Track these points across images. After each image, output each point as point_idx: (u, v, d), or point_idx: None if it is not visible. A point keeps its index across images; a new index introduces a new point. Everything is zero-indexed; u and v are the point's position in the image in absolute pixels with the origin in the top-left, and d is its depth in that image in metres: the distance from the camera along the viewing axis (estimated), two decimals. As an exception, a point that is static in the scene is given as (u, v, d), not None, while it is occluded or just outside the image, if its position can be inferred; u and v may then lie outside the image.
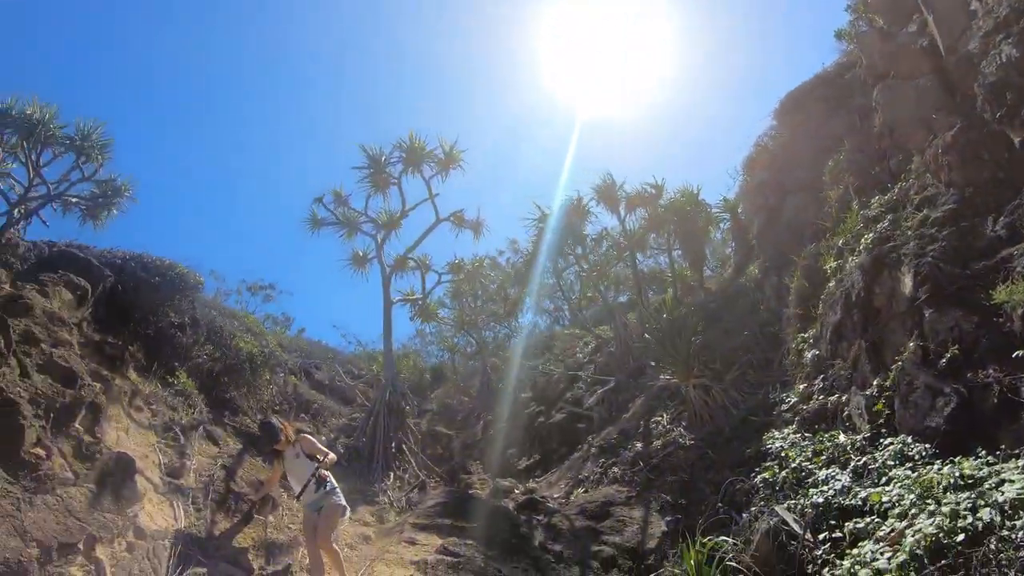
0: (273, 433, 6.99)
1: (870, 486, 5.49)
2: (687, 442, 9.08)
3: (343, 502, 6.76)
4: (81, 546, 5.00)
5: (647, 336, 13.38)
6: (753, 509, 6.39)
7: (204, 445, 8.27)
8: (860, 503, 5.39)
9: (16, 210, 8.84)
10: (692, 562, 5.61)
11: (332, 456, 7.11)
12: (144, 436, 7.39)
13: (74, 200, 10.23)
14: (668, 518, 7.60)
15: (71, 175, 9.94)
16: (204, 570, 6.17)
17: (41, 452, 5.26)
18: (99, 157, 9.77)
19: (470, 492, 9.87)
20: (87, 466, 5.71)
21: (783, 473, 6.62)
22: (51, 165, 9.43)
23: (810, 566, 5.29)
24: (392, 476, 10.23)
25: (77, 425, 5.95)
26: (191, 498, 7.03)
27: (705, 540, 5.81)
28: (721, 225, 16.23)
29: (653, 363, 12.23)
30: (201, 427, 8.54)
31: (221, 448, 8.48)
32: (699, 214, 14.89)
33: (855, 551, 4.78)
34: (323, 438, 9.70)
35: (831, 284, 8.23)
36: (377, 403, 11.41)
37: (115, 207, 10.66)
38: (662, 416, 10.25)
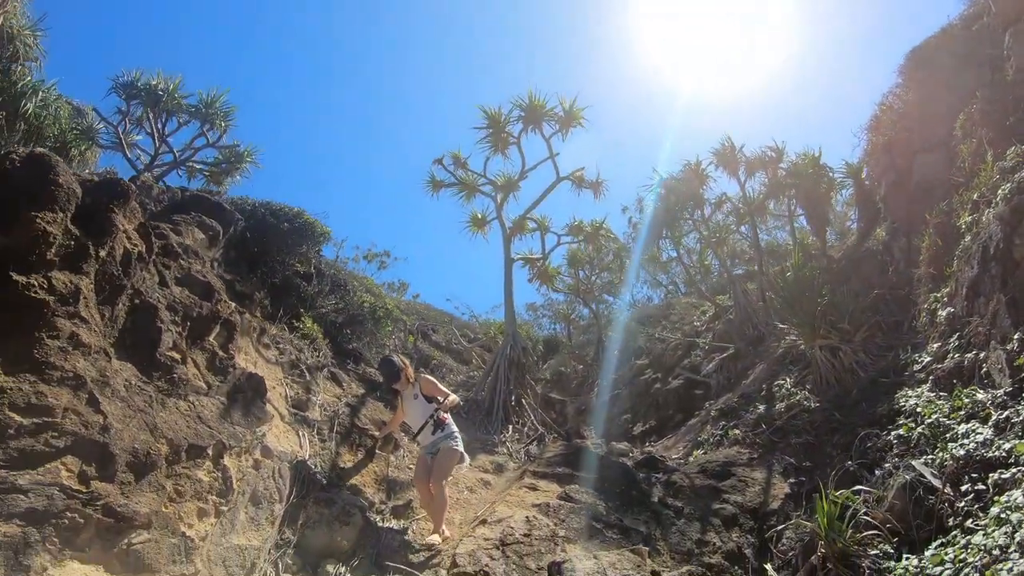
0: (393, 370, 6.81)
1: (1014, 438, 5.07)
2: (812, 405, 8.63)
3: (461, 448, 6.57)
4: (210, 452, 4.93)
5: (770, 296, 12.81)
6: (887, 465, 6.02)
7: (328, 385, 8.26)
8: (1004, 455, 4.99)
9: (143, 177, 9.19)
10: (824, 515, 5.20)
11: (453, 398, 6.95)
12: (271, 371, 7.40)
13: (199, 166, 10.59)
14: (792, 480, 7.21)
15: (195, 142, 10.32)
16: (326, 497, 6.07)
17: (176, 356, 5.26)
18: (222, 124, 10.08)
19: (589, 447, 9.46)
20: (219, 379, 5.69)
21: (919, 429, 6.20)
22: (176, 134, 9.81)
23: (950, 519, 4.90)
24: (511, 429, 9.97)
25: (212, 339, 5.96)
26: (316, 430, 6.97)
27: (837, 494, 5.39)
28: (843, 191, 15.44)
29: (778, 323, 11.77)
30: (326, 369, 8.55)
31: (345, 390, 8.45)
32: (821, 178, 13.97)
33: (1002, 498, 4.44)
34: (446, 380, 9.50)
35: (966, 239, 7.57)
36: (498, 356, 11.18)
37: (238, 172, 10.97)
38: (785, 380, 9.79)
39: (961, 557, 4.25)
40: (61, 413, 3.90)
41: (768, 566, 6.01)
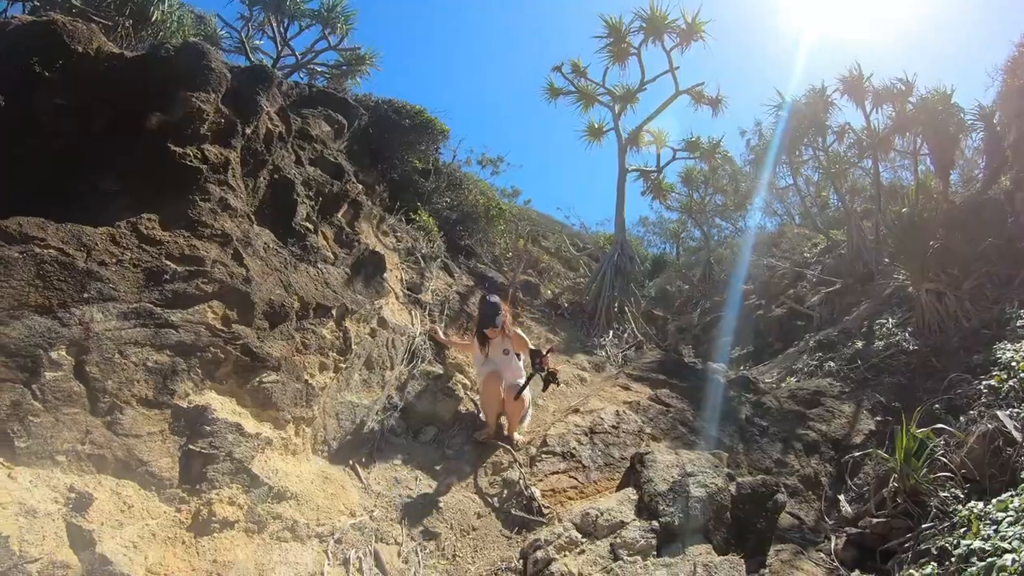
0: (494, 313, 6.04)
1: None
2: (910, 347, 8.40)
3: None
4: (334, 313, 5.43)
5: (884, 234, 12.26)
6: (972, 412, 5.91)
7: (440, 274, 8.69)
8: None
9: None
10: (902, 450, 5.17)
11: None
12: (388, 255, 7.88)
13: (320, 69, 10.91)
14: (878, 418, 7.12)
15: (317, 45, 10.59)
16: (432, 370, 6.55)
17: (309, 227, 5.75)
18: (343, 27, 10.23)
19: (685, 360, 9.57)
20: (345, 252, 6.18)
21: (1010, 382, 5.97)
22: (298, 38, 10.10)
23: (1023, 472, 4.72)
24: (611, 333, 10.17)
25: (340, 216, 6.44)
26: (427, 311, 7.43)
27: (918, 431, 5.29)
28: (973, 135, 13.88)
29: (887, 260, 11.42)
30: (439, 259, 8.97)
31: (455, 279, 8.88)
32: (951, 118, 12.71)
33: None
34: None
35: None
36: (605, 262, 11.32)
37: (358, 74, 11.24)
38: (887, 319, 9.53)
39: (1024, 507, 4.18)
40: (210, 264, 4.40)
41: (841, 497, 6.07)
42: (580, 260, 15.11)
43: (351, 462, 5.21)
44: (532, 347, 6.01)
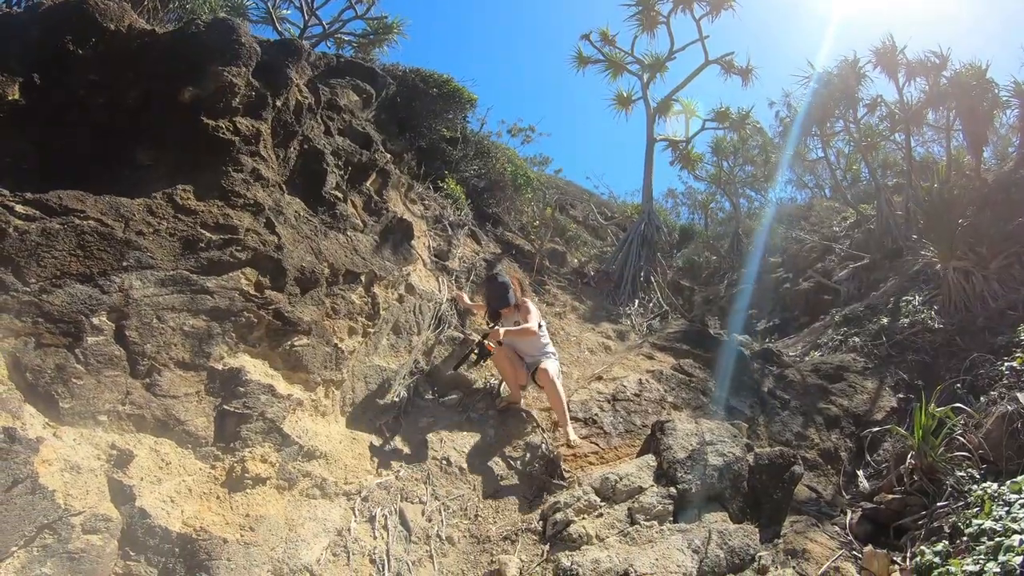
0: (505, 293, 5.90)
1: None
2: (936, 325, 8.23)
3: (558, 364, 5.87)
4: (363, 279, 5.52)
5: (914, 209, 11.96)
6: (992, 394, 5.79)
7: (468, 241, 8.72)
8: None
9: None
10: (920, 428, 5.15)
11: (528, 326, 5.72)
12: (416, 223, 7.91)
13: (347, 38, 10.82)
14: (900, 395, 7.07)
15: (344, 15, 10.49)
16: (458, 336, 6.62)
17: (338, 195, 5.80)
18: None
19: (710, 331, 9.52)
20: (373, 219, 6.24)
21: None
22: (325, 7, 9.99)
23: (1041, 456, 4.67)
24: (637, 303, 10.14)
25: (368, 185, 6.48)
26: (454, 278, 7.49)
27: (936, 410, 5.24)
28: (1008, 112, 13.30)
29: (915, 236, 11.08)
30: (466, 227, 8.99)
31: (482, 247, 8.91)
32: (985, 93, 12.19)
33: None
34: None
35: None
36: (632, 231, 11.25)
37: (386, 43, 11.15)
38: (914, 297, 9.31)
39: (1040, 488, 4.14)
40: (243, 232, 4.49)
41: (860, 472, 6.06)
42: (607, 229, 15.03)
43: (378, 424, 5.33)
44: (536, 320, 5.75)
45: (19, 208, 3.42)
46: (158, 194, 4.19)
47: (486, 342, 5.40)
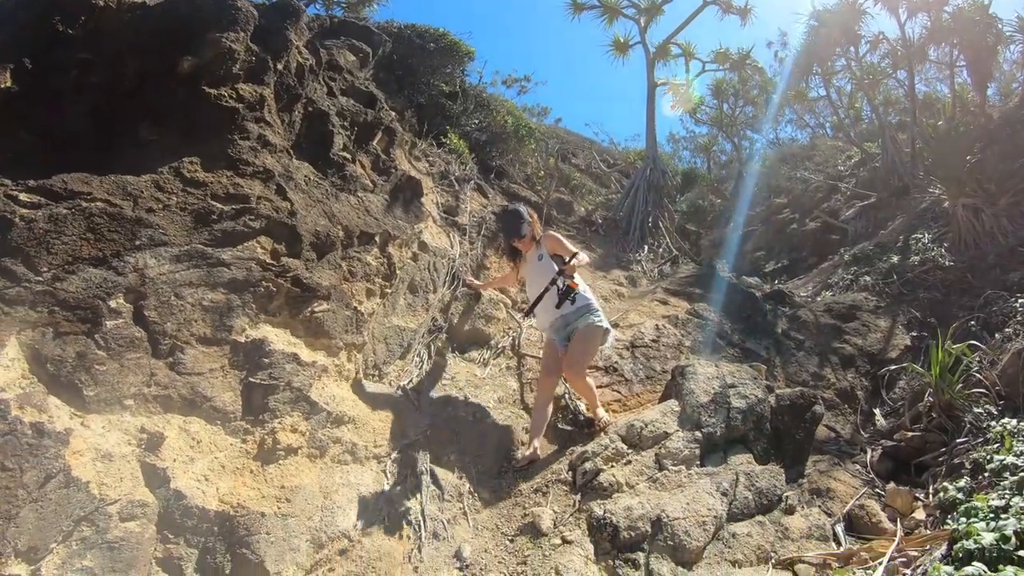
0: (517, 222, 5.16)
1: None
2: (946, 263, 8.08)
3: (605, 323, 4.89)
4: (377, 240, 5.29)
5: (920, 147, 11.68)
6: (1007, 331, 5.76)
7: (475, 195, 8.45)
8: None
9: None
10: (937, 365, 5.03)
11: (583, 257, 4.98)
12: (423, 180, 7.65)
13: None
14: (913, 333, 6.95)
15: None
16: (484, 294, 6.43)
17: (347, 156, 5.54)
18: None
19: (720, 274, 9.34)
20: (383, 179, 5.97)
21: None
22: None
23: (1056, 392, 4.57)
24: (646, 249, 9.92)
25: (375, 144, 6.19)
26: (465, 232, 7.26)
27: (953, 347, 5.11)
28: (1011, 47, 12.86)
29: (922, 174, 10.94)
30: (472, 181, 8.70)
31: (490, 200, 8.64)
32: (988, 29, 11.70)
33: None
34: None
35: None
36: (637, 177, 10.95)
37: (376, 2, 10.65)
38: (923, 234, 9.11)
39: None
40: (255, 200, 4.25)
41: (876, 410, 5.97)
42: (611, 176, 14.68)
43: (402, 384, 5.19)
44: (571, 247, 4.93)
45: (23, 196, 3.18)
46: (165, 169, 3.94)
47: (569, 281, 4.67)
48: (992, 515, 3.16)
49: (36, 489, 2.56)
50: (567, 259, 4.74)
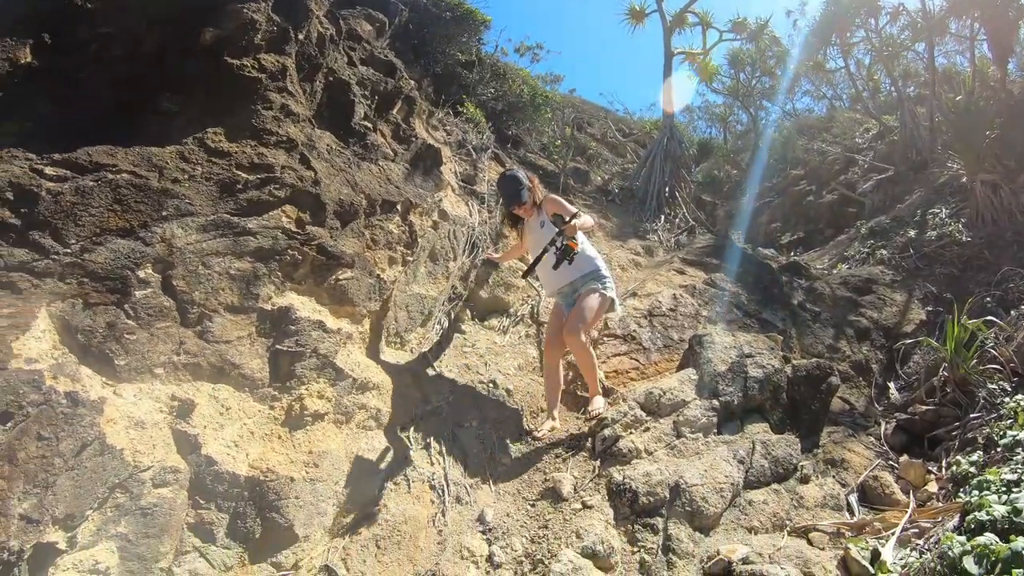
0: (517, 188, 4.82)
1: None
2: (963, 238, 7.94)
3: (612, 292, 4.67)
4: (399, 208, 5.24)
5: (939, 121, 11.33)
6: (1023, 308, 5.64)
7: (492, 164, 8.37)
8: None
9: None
10: (952, 339, 4.98)
11: (587, 220, 4.70)
12: (441, 149, 7.57)
13: None
14: (929, 308, 6.86)
15: None
16: (495, 256, 6.39)
17: (368, 125, 5.46)
18: None
19: (737, 245, 9.22)
20: (403, 147, 5.90)
21: None
22: None
23: (1071, 371, 4.49)
24: (663, 218, 9.80)
25: (395, 113, 6.11)
26: (483, 201, 7.19)
27: (968, 322, 5.04)
28: None
29: (941, 148, 10.69)
30: (489, 150, 8.60)
31: (506, 167, 8.55)
32: (1009, 3, 11.20)
33: None
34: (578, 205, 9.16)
35: None
36: (654, 147, 10.76)
37: None
38: (941, 209, 8.96)
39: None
40: (279, 170, 4.20)
41: (891, 384, 5.91)
42: (626, 146, 14.45)
43: (423, 351, 5.18)
44: (572, 209, 4.62)
45: (48, 170, 3.15)
46: (189, 140, 3.89)
47: (568, 240, 4.39)
48: (1004, 488, 3.17)
49: (72, 457, 2.57)
50: (567, 219, 4.47)
